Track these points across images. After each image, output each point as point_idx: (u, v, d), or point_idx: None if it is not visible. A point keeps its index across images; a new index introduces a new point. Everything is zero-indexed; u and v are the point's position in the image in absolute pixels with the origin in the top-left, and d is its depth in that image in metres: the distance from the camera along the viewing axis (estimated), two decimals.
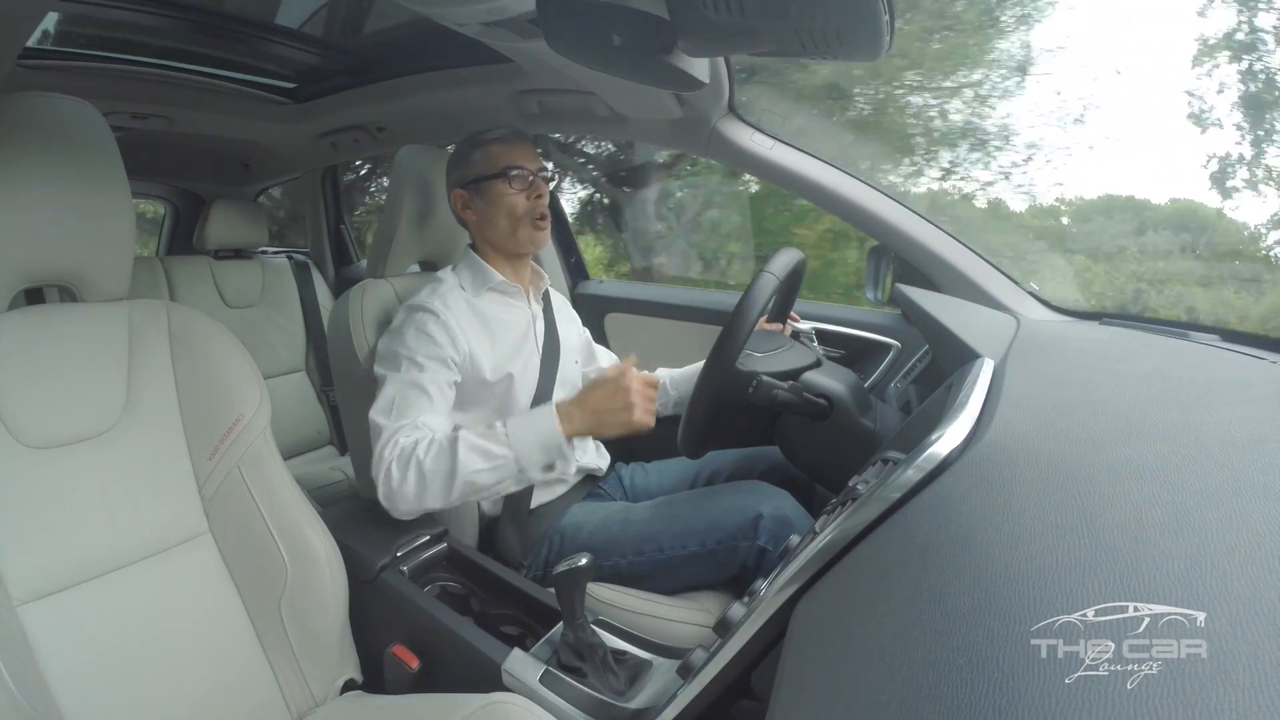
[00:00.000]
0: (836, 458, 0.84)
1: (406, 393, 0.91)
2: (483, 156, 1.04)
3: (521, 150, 1.05)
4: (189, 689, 0.73)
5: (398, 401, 0.91)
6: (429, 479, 0.85)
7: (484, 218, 1.05)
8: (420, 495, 0.85)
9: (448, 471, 0.84)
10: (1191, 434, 0.40)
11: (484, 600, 0.91)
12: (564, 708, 0.69)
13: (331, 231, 2.21)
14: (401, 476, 0.85)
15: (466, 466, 0.84)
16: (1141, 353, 0.71)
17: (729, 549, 0.89)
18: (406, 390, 0.91)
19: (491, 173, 1.03)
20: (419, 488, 0.85)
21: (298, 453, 1.93)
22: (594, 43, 0.56)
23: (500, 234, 1.05)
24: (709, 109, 1.12)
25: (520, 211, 1.03)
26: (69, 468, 0.70)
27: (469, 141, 1.07)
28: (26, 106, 0.68)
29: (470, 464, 0.84)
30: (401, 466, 0.85)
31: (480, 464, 0.84)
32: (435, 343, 0.94)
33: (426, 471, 0.84)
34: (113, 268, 0.76)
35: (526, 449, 0.85)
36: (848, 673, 0.34)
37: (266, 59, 1.43)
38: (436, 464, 0.84)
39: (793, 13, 0.47)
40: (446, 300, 0.99)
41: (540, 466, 0.87)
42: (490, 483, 0.86)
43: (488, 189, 1.04)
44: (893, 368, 1.24)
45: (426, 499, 0.86)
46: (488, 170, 1.03)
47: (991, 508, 0.37)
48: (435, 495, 0.85)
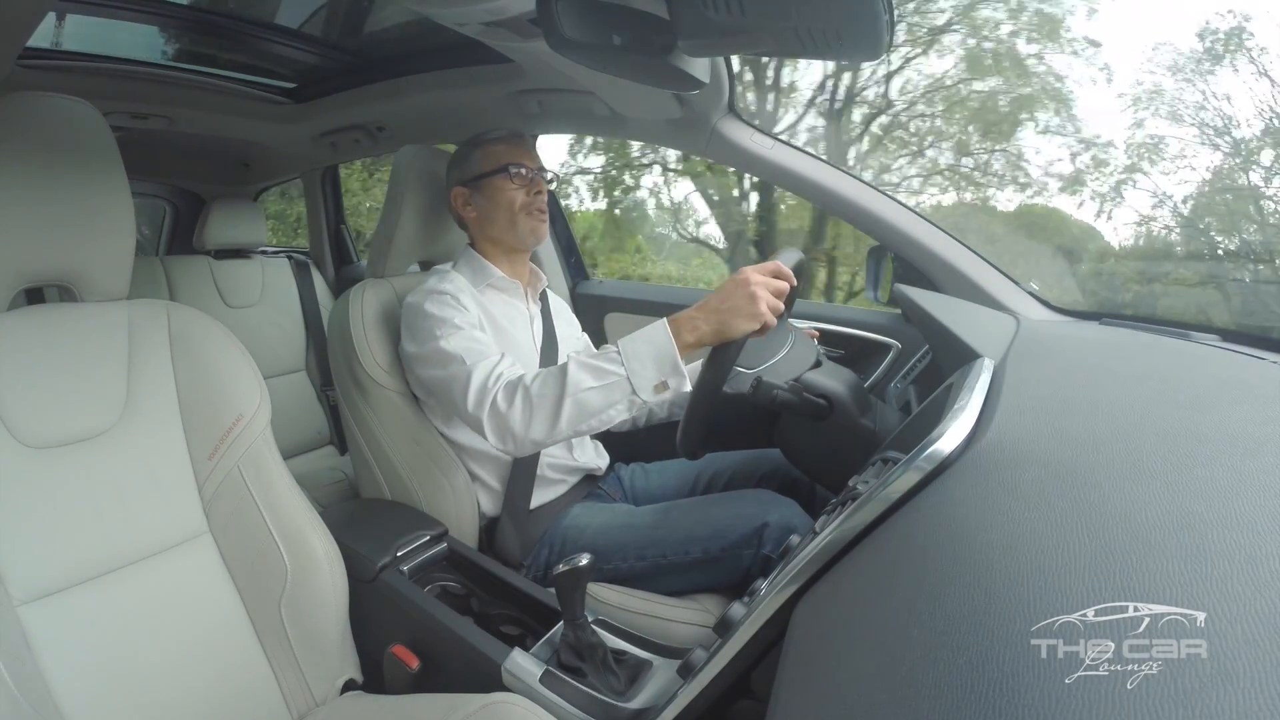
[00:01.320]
0: (836, 458, 0.84)
1: (463, 342, 0.90)
2: (483, 155, 1.06)
3: (522, 150, 1.07)
4: (189, 689, 0.73)
5: (461, 351, 0.89)
6: (536, 403, 0.81)
7: (484, 214, 1.06)
8: (528, 422, 0.82)
9: (557, 394, 0.80)
10: (1191, 434, 0.40)
11: (484, 600, 0.91)
12: (564, 708, 0.69)
13: (331, 231, 2.21)
14: (508, 403, 0.82)
15: (577, 384, 0.80)
16: (1141, 353, 0.71)
17: (733, 556, 0.88)
18: (460, 340, 0.90)
19: (492, 169, 1.04)
20: (525, 413, 0.82)
21: (298, 453, 1.93)
22: (594, 43, 0.56)
23: (500, 228, 1.06)
24: (709, 109, 1.12)
25: (519, 205, 1.04)
26: (69, 468, 0.70)
27: (470, 142, 1.09)
28: (26, 106, 0.68)
29: (580, 381, 0.80)
30: (508, 394, 0.83)
31: (590, 381, 0.80)
32: (461, 311, 0.95)
33: (534, 395, 0.81)
34: (112, 268, 0.76)
35: (640, 365, 0.80)
36: (848, 673, 0.34)
37: (267, 59, 1.43)
38: (545, 388, 0.81)
39: (793, 13, 0.47)
40: (456, 284, 1.00)
41: (653, 385, 0.80)
42: (601, 405, 0.80)
43: (488, 185, 1.05)
44: (893, 368, 1.24)
45: (534, 426, 0.82)
46: (488, 167, 1.05)
47: (991, 508, 0.37)
48: (543, 421, 0.81)
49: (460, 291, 0.99)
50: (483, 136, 1.08)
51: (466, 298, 0.98)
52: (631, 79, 0.67)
